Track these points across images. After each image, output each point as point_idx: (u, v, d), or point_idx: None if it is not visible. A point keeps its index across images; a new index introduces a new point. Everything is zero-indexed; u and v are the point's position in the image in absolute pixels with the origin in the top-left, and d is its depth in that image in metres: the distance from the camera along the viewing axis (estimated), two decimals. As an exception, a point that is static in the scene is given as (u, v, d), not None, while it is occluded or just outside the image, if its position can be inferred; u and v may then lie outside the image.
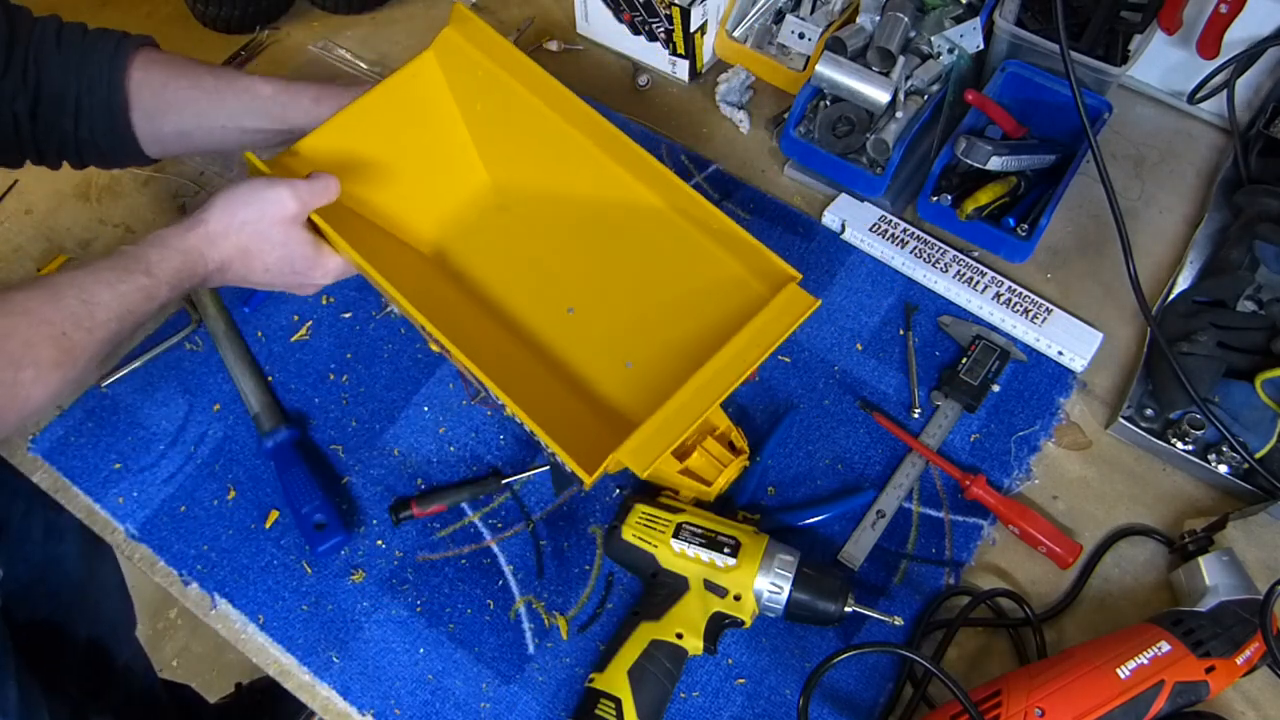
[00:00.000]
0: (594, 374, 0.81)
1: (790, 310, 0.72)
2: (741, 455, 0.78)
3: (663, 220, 0.80)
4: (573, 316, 0.84)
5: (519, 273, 0.87)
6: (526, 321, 0.84)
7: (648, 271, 0.83)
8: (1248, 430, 0.79)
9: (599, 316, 0.84)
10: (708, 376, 0.70)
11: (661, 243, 0.81)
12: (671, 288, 0.82)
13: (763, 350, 0.71)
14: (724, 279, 0.78)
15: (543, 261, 0.87)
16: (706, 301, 0.79)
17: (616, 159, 0.81)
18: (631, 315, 0.83)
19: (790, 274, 0.74)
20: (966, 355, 0.86)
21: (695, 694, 0.73)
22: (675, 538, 0.73)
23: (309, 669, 0.75)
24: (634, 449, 0.67)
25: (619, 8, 1.05)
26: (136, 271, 0.68)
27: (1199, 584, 0.72)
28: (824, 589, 0.71)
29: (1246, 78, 0.95)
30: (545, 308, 0.85)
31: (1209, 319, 0.82)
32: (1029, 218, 0.90)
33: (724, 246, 0.78)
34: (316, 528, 0.78)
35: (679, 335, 0.79)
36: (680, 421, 0.68)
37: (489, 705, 0.73)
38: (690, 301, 0.80)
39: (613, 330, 0.83)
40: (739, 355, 0.71)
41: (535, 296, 0.85)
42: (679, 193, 0.78)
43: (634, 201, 0.81)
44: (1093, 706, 0.63)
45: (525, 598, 0.77)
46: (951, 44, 0.93)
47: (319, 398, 0.87)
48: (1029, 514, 0.78)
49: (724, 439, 0.77)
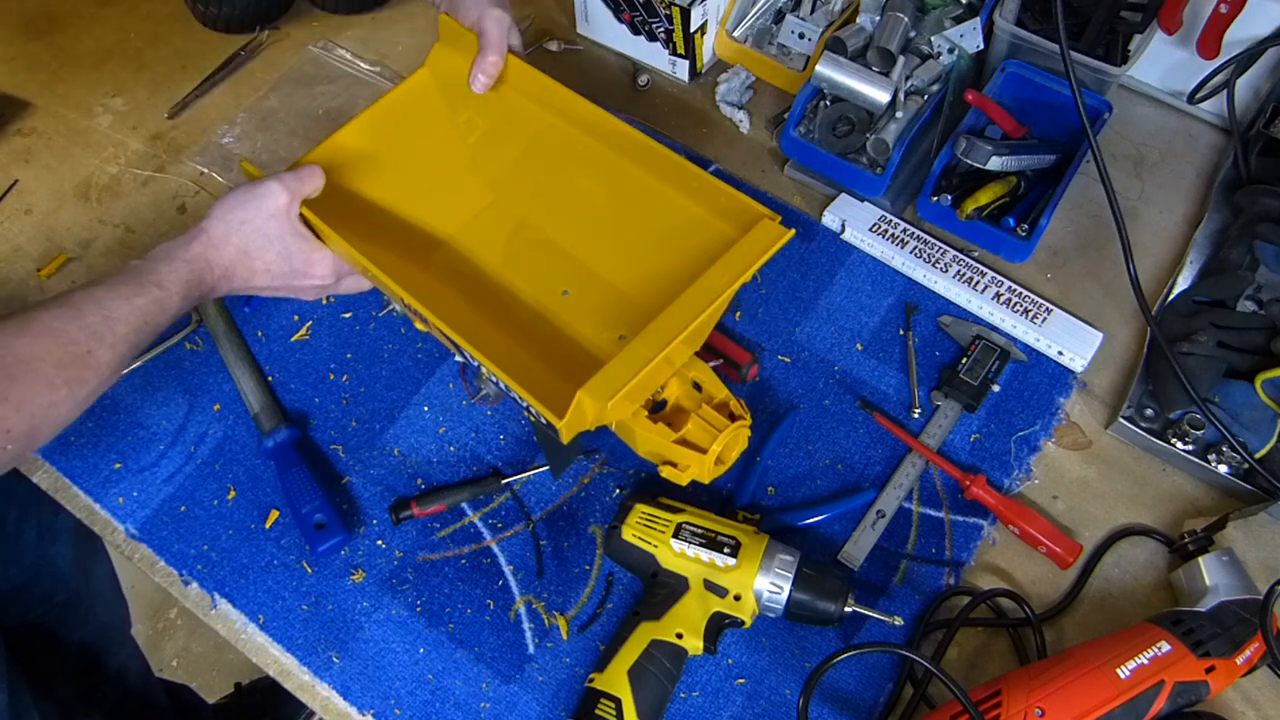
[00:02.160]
0: (579, 337, 0.82)
1: (761, 241, 0.71)
2: (740, 421, 0.75)
3: (638, 181, 0.80)
4: (559, 288, 0.85)
5: (488, 234, 0.88)
6: (499, 279, 0.86)
7: (616, 221, 0.84)
8: (1248, 430, 0.78)
9: (585, 285, 0.84)
10: (676, 311, 0.68)
11: (629, 195, 0.82)
12: (649, 242, 0.82)
13: (731, 280, 0.69)
14: (696, 225, 0.77)
15: (510, 220, 0.89)
16: (684, 249, 0.78)
17: (589, 132, 0.82)
18: (617, 280, 0.84)
19: (761, 211, 0.73)
20: (966, 355, 0.86)
21: (695, 694, 0.73)
22: (675, 538, 0.73)
23: (309, 669, 0.75)
24: (598, 385, 0.65)
25: (619, 8, 1.05)
26: (149, 285, 0.69)
27: (1199, 584, 0.72)
28: (824, 589, 0.71)
29: (1246, 78, 0.95)
30: (535, 283, 0.86)
31: (1209, 319, 0.82)
32: (1029, 218, 0.90)
33: (694, 196, 0.77)
34: (316, 528, 0.78)
35: (651, 275, 0.80)
36: (644, 354, 0.66)
37: (489, 705, 0.73)
38: (668, 254, 0.80)
39: (598, 297, 0.84)
40: (709, 286, 0.69)
41: (528, 274, 0.86)
42: (650, 152, 0.78)
43: (607, 165, 0.82)
44: (1093, 706, 0.63)
45: (525, 598, 0.77)
46: (951, 44, 0.93)
47: (319, 398, 0.87)
48: (1029, 514, 0.78)
49: (723, 408, 0.76)
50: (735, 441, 0.74)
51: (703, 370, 0.77)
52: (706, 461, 0.73)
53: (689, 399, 0.76)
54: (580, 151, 0.83)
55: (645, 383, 0.68)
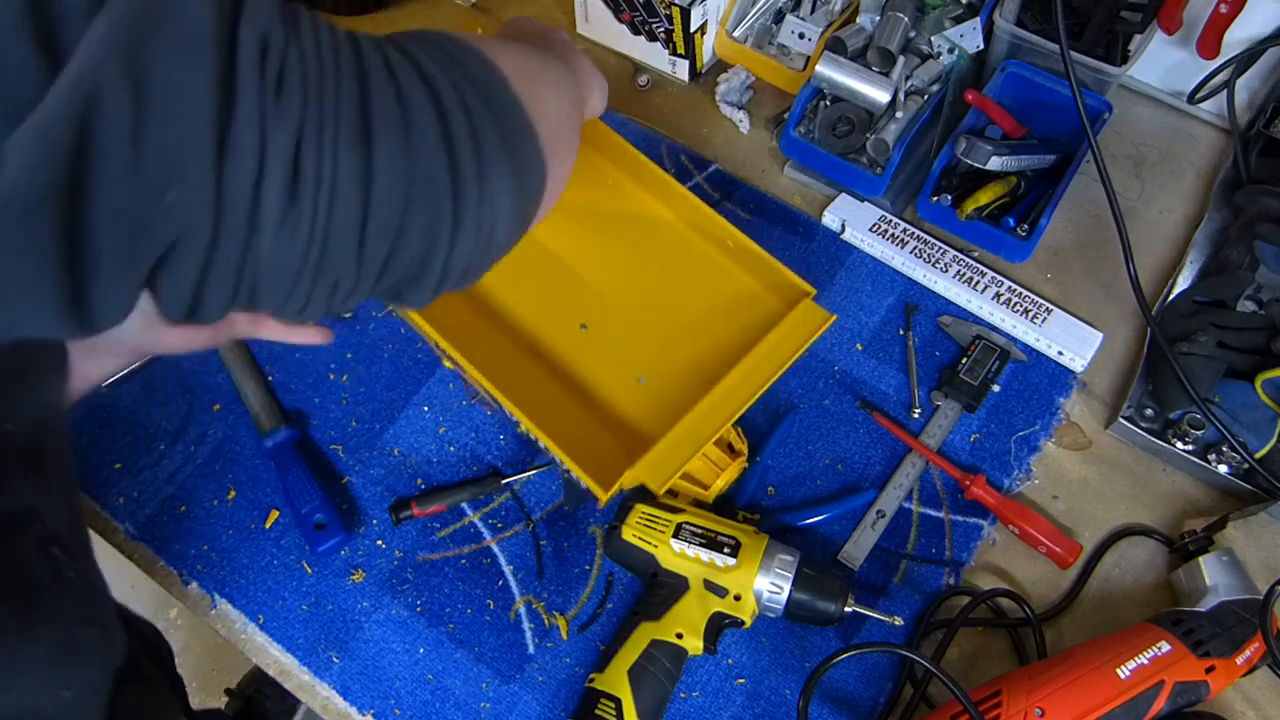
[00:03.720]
0: (608, 390, 0.80)
1: (805, 325, 0.73)
2: (740, 457, 0.78)
3: (675, 234, 0.81)
4: (585, 333, 0.83)
5: (532, 289, 0.86)
6: (540, 337, 0.83)
7: (661, 286, 0.83)
8: (1248, 430, 0.78)
9: (612, 333, 0.83)
10: (723, 392, 0.71)
11: (674, 257, 0.81)
12: (686, 303, 0.82)
13: (778, 366, 0.71)
14: (737, 294, 0.79)
15: (556, 278, 0.86)
16: (721, 316, 0.79)
17: (628, 173, 0.81)
18: (645, 330, 0.83)
19: (805, 289, 0.75)
20: (966, 355, 0.86)
21: (695, 694, 0.73)
22: (675, 538, 0.73)
23: (309, 669, 0.75)
24: (649, 466, 0.67)
25: (619, 8, 1.05)
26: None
27: (1199, 584, 0.72)
28: (824, 589, 0.71)
29: (1246, 78, 0.95)
30: (558, 323, 0.84)
31: (1209, 319, 0.82)
32: (1029, 218, 0.90)
33: (737, 262, 0.78)
34: (316, 528, 0.78)
35: (693, 350, 0.80)
36: (695, 438, 0.69)
37: (489, 705, 0.73)
38: (705, 317, 0.80)
39: (626, 346, 0.82)
40: (753, 371, 0.71)
41: (548, 312, 0.84)
42: (691, 207, 0.78)
43: (645, 215, 0.81)
44: (1093, 706, 0.63)
45: (525, 598, 0.77)
46: (951, 44, 0.93)
47: (319, 398, 0.87)
48: (1029, 514, 0.78)
49: (722, 442, 0.78)
50: (732, 474, 0.77)
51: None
52: (707, 497, 0.76)
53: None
54: (602, 180, 0.83)
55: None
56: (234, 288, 0.39)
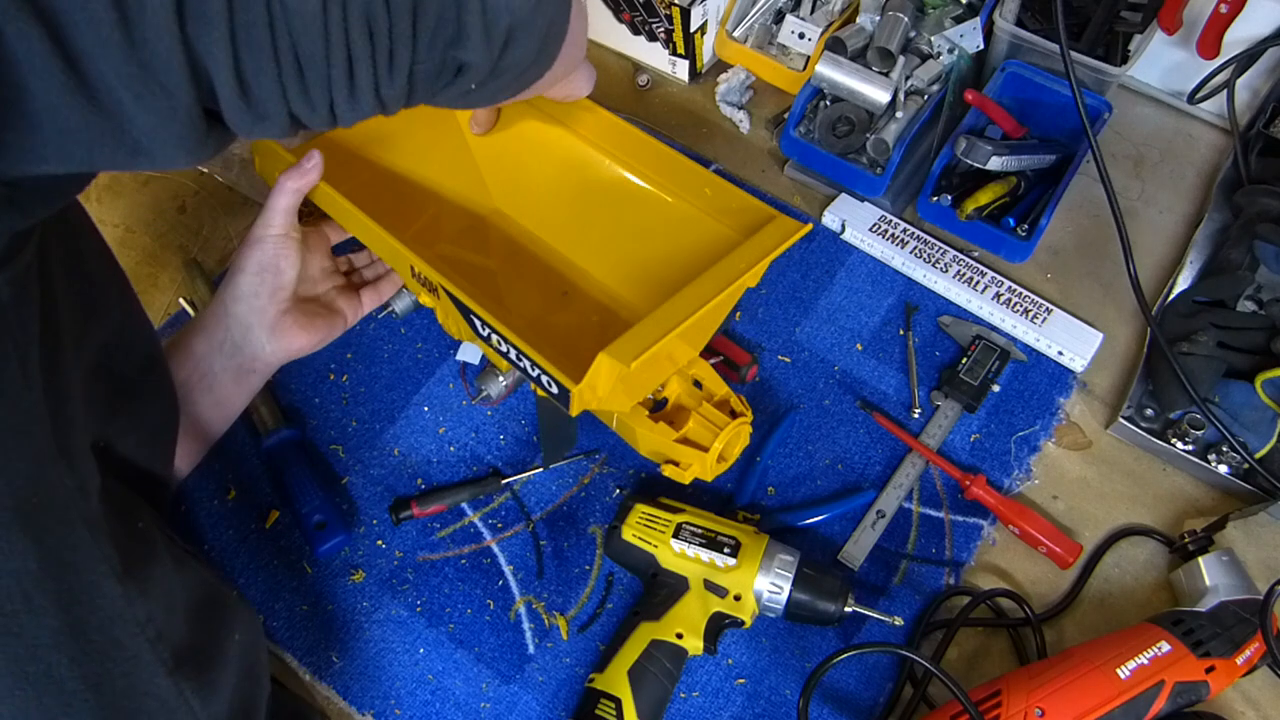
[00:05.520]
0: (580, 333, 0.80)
1: (777, 234, 0.70)
2: (741, 418, 0.74)
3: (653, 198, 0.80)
4: (565, 297, 0.83)
5: (512, 253, 0.87)
6: (513, 291, 0.84)
7: (631, 232, 0.82)
8: (1248, 430, 0.79)
9: (586, 287, 0.83)
10: (695, 288, 0.67)
11: (653, 215, 0.81)
12: (654, 244, 0.81)
13: (751, 263, 0.68)
14: (702, 228, 0.77)
15: (527, 237, 0.87)
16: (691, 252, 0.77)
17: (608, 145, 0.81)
18: (618, 281, 0.83)
19: (773, 212, 0.73)
20: (966, 355, 0.86)
21: (695, 694, 0.73)
22: (675, 538, 0.73)
23: (309, 669, 0.75)
24: (618, 348, 0.63)
25: (619, 8, 1.05)
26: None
27: (1199, 584, 0.72)
28: (824, 589, 0.71)
29: (1246, 78, 0.95)
30: (539, 291, 0.84)
31: (1209, 319, 0.82)
32: (1029, 218, 0.90)
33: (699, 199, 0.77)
34: (316, 528, 0.78)
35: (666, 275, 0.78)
36: (665, 322, 0.64)
37: (489, 705, 0.73)
38: (674, 255, 0.78)
39: (600, 298, 0.82)
40: (728, 269, 0.68)
41: (529, 280, 0.85)
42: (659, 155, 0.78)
43: (621, 179, 0.81)
44: (1093, 706, 0.63)
45: (525, 598, 0.77)
46: (951, 44, 0.93)
47: (319, 398, 0.86)
48: (1029, 514, 0.78)
49: (724, 405, 0.75)
50: (737, 439, 0.74)
51: (703, 368, 0.77)
52: (709, 459, 0.73)
53: (690, 397, 0.76)
54: (587, 155, 0.82)
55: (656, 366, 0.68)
56: (272, 45, 0.38)
